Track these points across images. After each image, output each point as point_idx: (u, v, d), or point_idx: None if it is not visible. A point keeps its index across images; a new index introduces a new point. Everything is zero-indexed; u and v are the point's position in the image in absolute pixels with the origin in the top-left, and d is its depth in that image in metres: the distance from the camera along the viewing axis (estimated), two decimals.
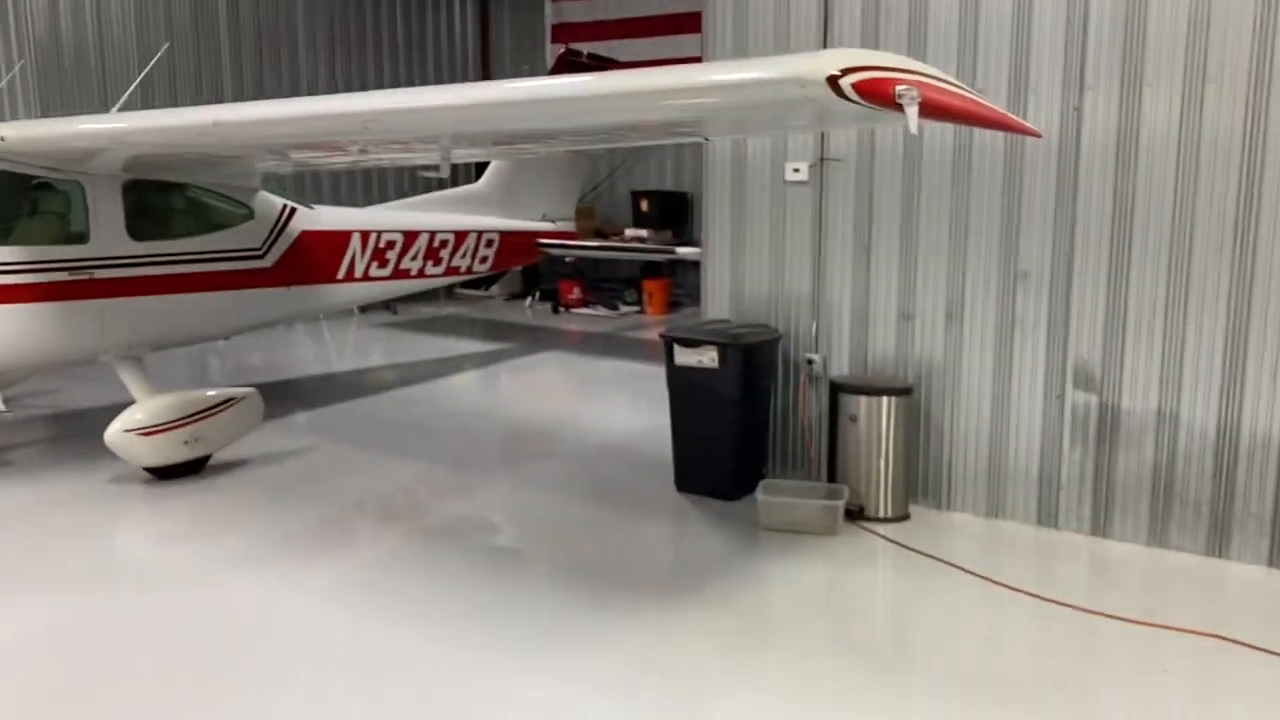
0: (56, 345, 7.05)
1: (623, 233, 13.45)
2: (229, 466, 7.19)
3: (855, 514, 5.95)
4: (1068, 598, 4.93)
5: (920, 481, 6.20)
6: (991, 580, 5.16)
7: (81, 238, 7.01)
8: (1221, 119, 5.09)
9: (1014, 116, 4.40)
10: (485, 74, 15.52)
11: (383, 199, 11.62)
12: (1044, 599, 4.94)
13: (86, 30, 11.43)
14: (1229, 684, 4.25)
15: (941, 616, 4.89)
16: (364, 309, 12.35)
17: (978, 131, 5.61)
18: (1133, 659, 4.42)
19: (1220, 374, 5.25)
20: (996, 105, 4.36)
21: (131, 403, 6.95)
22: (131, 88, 8.31)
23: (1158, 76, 5.24)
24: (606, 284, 14.56)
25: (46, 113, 10.70)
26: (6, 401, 7.62)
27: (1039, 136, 5.33)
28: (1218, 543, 5.34)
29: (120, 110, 7.37)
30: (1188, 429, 5.37)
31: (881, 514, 5.98)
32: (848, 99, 3.49)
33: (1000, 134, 5.51)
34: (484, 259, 10.19)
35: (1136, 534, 5.58)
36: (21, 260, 6.71)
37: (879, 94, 3.43)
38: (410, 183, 12.70)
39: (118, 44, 11.62)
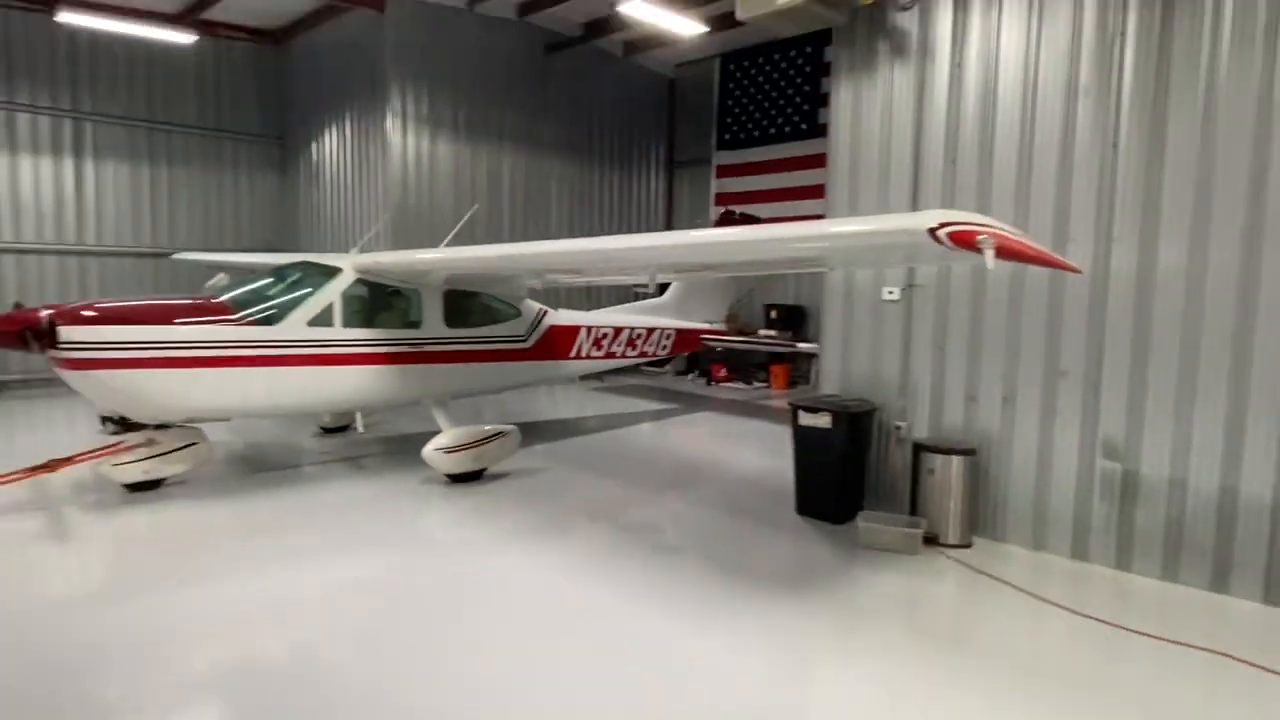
0: (397, 392, 7.46)
1: (757, 332, 13.48)
2: (497, 477, 7.44)
3: (930, 540, 5.80)
4: (1096, 613, 4.68)
5: (981, 519, 5.96)
6: (1034, 595, 4.96)
7: (416, 325, 7.52)
8: (1222, 260, 4.90)
9: (1061, 258, 4.31)
10: (669, 226, 15.79)
11: (599, 305, 11.95)
12: (1076, 613, 4.71)
13: (425, 194, 12.09)
14: (1231, 692, 3.95)
15: (994, 618, 4.73)
16: (582, 378, 12.48)
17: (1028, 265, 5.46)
18: (1151, 664, 4.17)
19: (1221, 452, 4.96)
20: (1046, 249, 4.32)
21: (439, 432, 7.26)
22: (454, 231, 8.97)
23: (1170, 231, 5.08)
24: (745, 367, 14.52)
25: (399, 247, 11.32)
26: (364, 427, 8.20)
27: (1080, 273, 5.16)
28: (1220, 581, 4.98)
29: (446, 246, 7.93)
30: (1194, 492, 5.06)
31: (950, 541, 5.81)
32: (942, 244, 3.56)
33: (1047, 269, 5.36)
34: (664, 347, 10.26)
35: (1152, 570, 5.23)
36: (381, 338, 7.23)
37: (965, 241, 3.50)
38: (618, 295, 13.06)
39: (442, 202, 12.22)
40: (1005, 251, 3.51)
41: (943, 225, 3.53)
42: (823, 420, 6.16)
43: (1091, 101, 5.31)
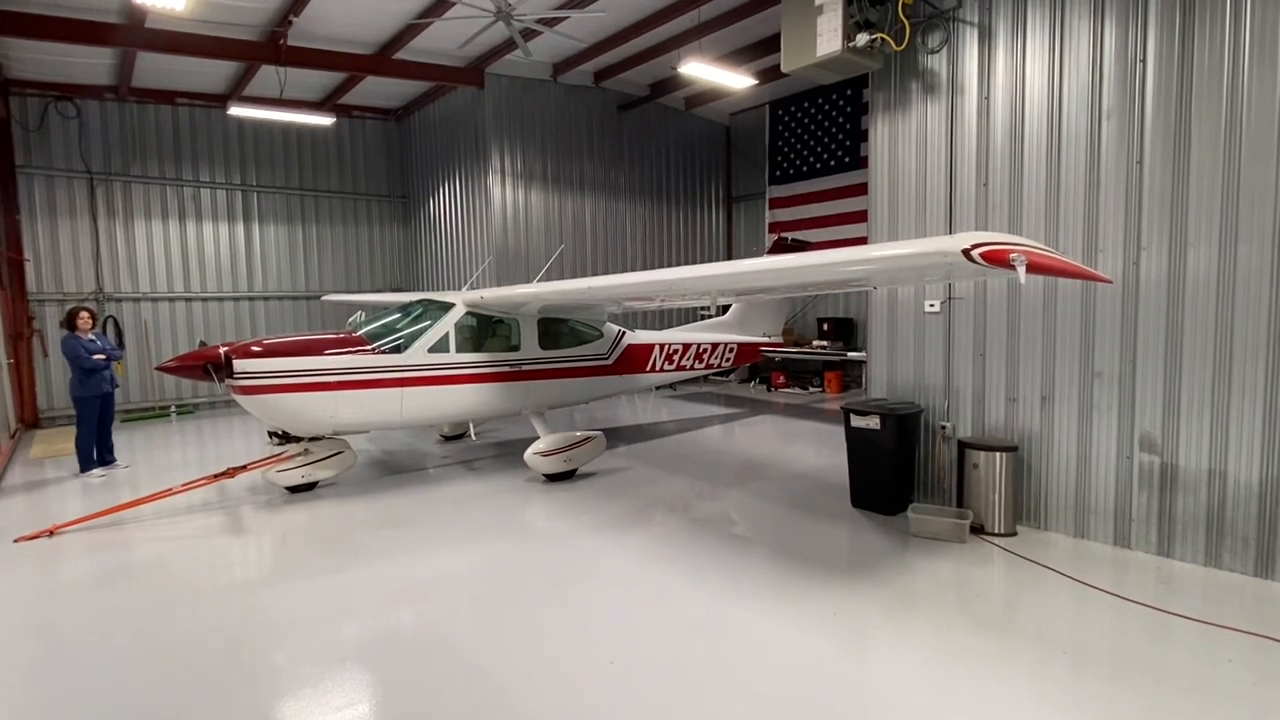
0: (502, 405, 7.58)
1: (811, 343, 13.19)
2: (586, 476, 7.50)
3: (977, 529, 5.56)
4: (1140, 597, 4.35)
5: (1025, 510, 5.66)
6: (1078, 580, 4.66)
7: (516, 348, 7.64)
8: (1252, 267, 4.53)
9: (1091, 270, 4.03)
10: (729, 255, 15.62)
11: (669, 325, 11.93)
12: (1120, 597, 4.39)
13: (521, 238, 12.31)
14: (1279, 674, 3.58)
15: (1039, 602, 4.45)
16: (657, 388, 12.49)
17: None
18: (1196, 647, 3.83)
19: (1261, 444, 4.55)
20: (1076, 261, 4.06)
21: (536, 438, 7.37)
22: (545, 268, 9.20)
23: (1198, 237, 4.71)
24: (801, 374, 14.24)
25: (500, 283, 11.68)
26: (476, 434, 8.38)
27: (1110, 283, 4.85)
28: (1264, 566, 4.56)
29: (539, 280, 8.10)
30: (1235, 482, 4.66)
31: (996, 530, 5.53)
32: (976, 263, 3.41)
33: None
34: (728, 359, 10.10)
35: (1195, 556, 4.84)
36: (488, 360, 7.40)
37: (998, 260, 3.32)
38: (686, 316, 12.97)
39: (535, 244, 12.43)
40: (1036, 267, 3.33)
41: (976, 246, 3.36)
42: (872, 422, 5.97)
43: (1115, 123, 5.01)
